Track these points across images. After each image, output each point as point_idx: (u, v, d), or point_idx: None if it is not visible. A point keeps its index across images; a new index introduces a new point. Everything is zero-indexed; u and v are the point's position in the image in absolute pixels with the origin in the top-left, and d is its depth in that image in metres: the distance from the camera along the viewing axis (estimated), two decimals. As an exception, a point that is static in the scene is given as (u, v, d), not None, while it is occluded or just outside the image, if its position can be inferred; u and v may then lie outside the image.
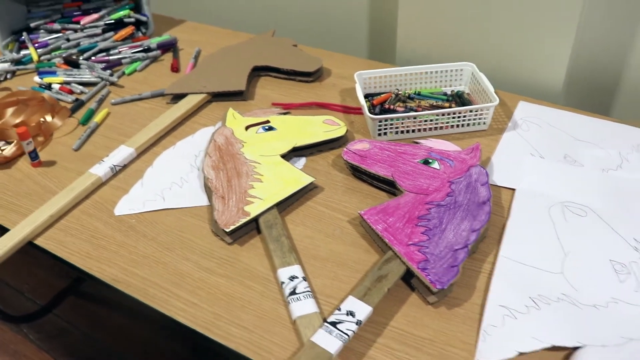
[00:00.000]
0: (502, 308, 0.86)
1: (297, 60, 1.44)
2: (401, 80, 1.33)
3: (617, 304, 0.87)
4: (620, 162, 1.13)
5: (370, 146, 1.12)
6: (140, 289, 0.93)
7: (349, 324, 0.82)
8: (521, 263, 0.93)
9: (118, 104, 1.40)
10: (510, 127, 1.23)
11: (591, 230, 0.98)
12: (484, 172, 1.05)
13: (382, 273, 0.89)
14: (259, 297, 0.90)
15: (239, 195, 1.04)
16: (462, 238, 0.93)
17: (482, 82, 1.25)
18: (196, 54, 1.58)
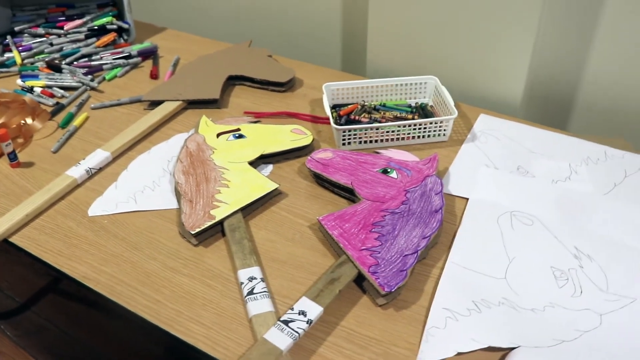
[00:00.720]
0: (445, 311, 0.92)
1: (270, 71, 1.50)
2: (368, 92, 1.39)
3: (554, 308, 0.93)
4: (569, 173, 1.19)
5: (333, 155, 1.18)
6: (108, 286, 0.98)
7: (300, 322, 0.88)
8: (467, 268, 0.99)
9: (97, 108, 1.45)
10: (469, 139, 1.30)
11: (536, 239, 1.05)
12: (439, 182, 1.11)
13: (334, 276, 0.95)
14: (219, 296, 0.96)
15: (206, 200, 1.09)
16: (413, 244, 0.99)
17: (443, 95, 1.31)
18: (175, 62, 1.64)
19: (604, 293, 0.95)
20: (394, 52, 1.52)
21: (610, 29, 1.31)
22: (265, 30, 1.86)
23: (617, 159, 1.23)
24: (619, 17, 1.28)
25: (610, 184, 1.17)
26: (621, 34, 1.30)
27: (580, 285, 0.96)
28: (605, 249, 1.02)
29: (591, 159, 1.23)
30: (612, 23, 1.30)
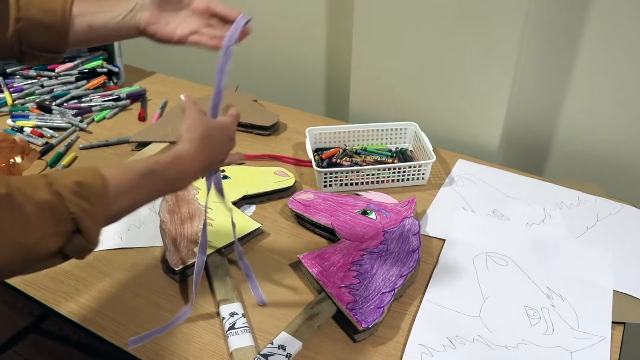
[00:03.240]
0: (421, 347, 0.95)
1: (255, 115, 1.54)
2: (350, 137, 1.44)
3: (526, 345, 0.96)
4: (543, 217, 1.23)
5: (315, 196, 1.21)
6: (93, 321, 1.00)
7: (280, 356, 0.90)
8: (443, 306, 1.02)
9: (86, 148, 1.48)
10: (447, 183, 1.34)
11: (510, 279, 1.08)
12: (417, 223, 1.14)
13: (314, 312, 0.98)
14: (202, 330, 0.98)
15: (189, 238, 1.12)
16: (390, 282, 1.02)
17: (422, 140, 1.36)
18: (163, 105, 1.68)
19: (575, 331, 0.98)
20: (376, 98, 1.57)
21: (584, 80, 1.36)
22: (251, 76, 1.91)
23: (590, 204, 1.27)
24: (593, 69, 1.34)
25: (582, 227, 1.21)
26: (595, 84, 1.36)
27: (552, 324, 0.99)
28: (576, 289, 1.06)
29: (565, 203, 1.27)
30: (586, 75, 1.35)
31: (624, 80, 1.32)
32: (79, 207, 0.67)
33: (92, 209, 0.69)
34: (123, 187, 0.74)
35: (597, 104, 1.38)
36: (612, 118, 1.37)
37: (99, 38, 0.98)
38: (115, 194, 0.73)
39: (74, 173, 0.70)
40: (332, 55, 1.72)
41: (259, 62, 1.88)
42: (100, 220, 0.71)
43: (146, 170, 0.78)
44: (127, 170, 0.76)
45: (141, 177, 0.77)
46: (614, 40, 1.29)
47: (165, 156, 0.81)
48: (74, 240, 0.68)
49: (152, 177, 0.78)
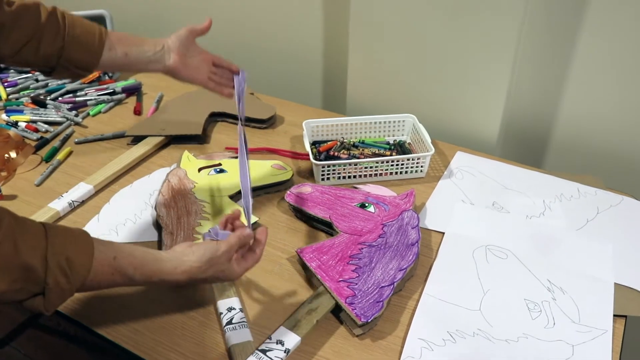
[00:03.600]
0: (421, 341, 0.94)
1: (252, 108, 1.53)
2: (347, 129, 1.42)
3: (527, 339, 0.95)
4: (543, 209, 1.22)
5: (312, 190, 1.20)
6: (88, 317, 0.99)
7: (278, 352, 0.89)
8: (443, 300, 1.01)
9: (81, 143, 1.47)
10: (446, 175, 1.33)
11: (510, 272, 1.07)
12: (415, 216, 1.13)
13: (312, 306, 0.97)
14: (199, 326, 0.97)
15: (186, 232, 1.11)
16: (389, 276, 1.01)
17: (421, 132, 1.35)
18: (158, 99, 1.66)
19: (576, 324, 0.97)
20: (374, 90, 1.56)
21: (582, 71, 1.35)
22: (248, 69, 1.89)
23: (590, 196, 1.26)
24: (592, 59, 1.33)
25: (583, 220, 1.20)
26: (595, 75, 1.35)
27: (553, 317, 0.98)
28: (577, 282, 1.05)
29: (565, 195, 1.26)
30: (585, 66, 1.34)
31: (623, 71, 1.31)
32: (55, 282, 0.74)
33: (66, 286, 0.76)
34: (105, 277, 0.81)
35: (596, 96, 1.37)
36: (612, 109, 1.36)
37: (131, 66, 1.14)
38: (94, 278, 0.79)
39: (71, 243, 0.77)
40: (329, 47, 1.70)
41: (255, 55, 1.87)
42: (67, 296, 0.77)
43: (132, 274, 0.83)
44: (114, 252, 0.82)
45: (126, 278, 0.83)
46: (613, 31, 1.27)
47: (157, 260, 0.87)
48: (36, 301, 0.75)
49: (132, 276, 0.84)
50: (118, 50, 1.10)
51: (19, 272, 0.71)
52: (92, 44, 1.07)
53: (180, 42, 1.16)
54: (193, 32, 1.18)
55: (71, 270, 0.76)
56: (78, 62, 1.07)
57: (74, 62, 1.07)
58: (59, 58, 1.05)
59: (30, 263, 0.72)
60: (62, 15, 1.06)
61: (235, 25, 1.83)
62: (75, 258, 0.76)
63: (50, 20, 1.04)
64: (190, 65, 1.17)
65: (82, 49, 1.06)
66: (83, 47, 1.06)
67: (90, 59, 1.08)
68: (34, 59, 1.04)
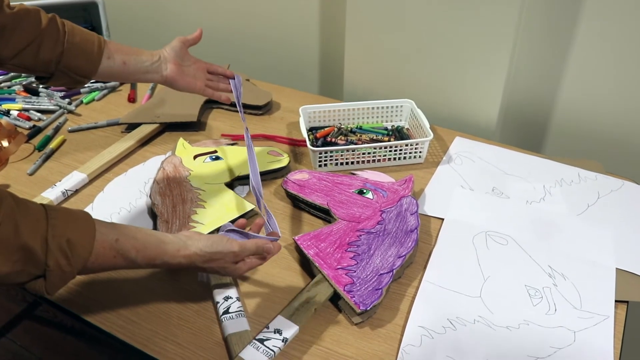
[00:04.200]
0: (421, 329, 0.93)
1: (248, 94, 1.51)
2: (345, 115, 1.41)
3: (528, 326, 0.93)
4: (543, 194, 1.21)
5: (309, 176, 1.19)
6: (83, 307, 0.97)
7: (276, 341, 0.88)
8: (443, 287, 1.00)
9: (75, 131, 1.45)
10: (444, 161, 1.31)
11: (510, 258, 1.06)
12: (414, 203, 1.12)
13: (310, 295, 0.95)
14: (195, 315, 0.95)
15: (182, 220, 1.09)
16: (388, 263, 0.99)
17: (419, 117, 1.33)
18: (153, 86, 1.64)
19: (578, 311, 0.96)
20: (371, 75, 1.54)
21: (582, 55, 1.33)
22: (243, 55, 1.88)
23: (590, 180, 1.25)
24: (591, 43, 1.31)
25: (583, 205, 1.18)
26: (593, 60, 1.33)
27: (554, 303, 0.97)
28: (578, 268, 1.03)
29: (565, 180, 1.25)
30: (584, 50, 1.33)
31: (623, 55, 1.29)
32: (56, 264, 0.74)
33: (67, 268, 0.75)
34: (106, 260, 0.80)
35: (596, 80, 1.35)
36: (612, 93, 1.35)
37: (129, 75, 1.13)
38: (95, 260, 0.79)
39: (72, 224, 0.77)
40: (326, 31, 1.68)
41: (250, 41, 1.85)
42: (68, 278, 0.77)
43: (134, 257, 0.83)
44: (116, 234, 0.81)
45: (128, 261, 0.83)
46: (612, 15, 1.26)
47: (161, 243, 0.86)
48: (37, 283, 0.75)
49: (134, 259, 0.83)
50: (117, 59, 1.10)
51: (19, 253, 0.71)
52: (91, 51, 1.07)
53: (175, 52, 1.16)
54: (185, 43, 1.18)
55: (72, 252, 0.75)
56: (77, 69, 1.06)
57: (73, 68, 1.06)
58: (58, 64, 1.04)
59: (30, 245, 0.72)
60: (61, 22, 1.06)
61: (230, 10, 1.81)
62: (77, 240, 0.76)
63: (51, 26, 1.03)
64: (186, 74, 1.18)
65: (82, 56, 1.06)
66: (82, 54, 1.06)
67: (89, 67, 1.08)
68: (33, 64, 1.03)
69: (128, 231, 0.83)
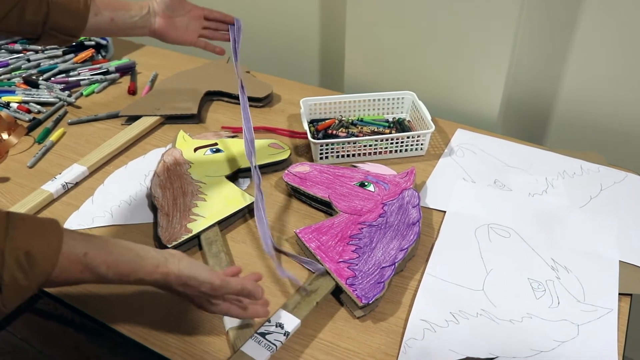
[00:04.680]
0: (423, 322, 0.92)
1: (248, 86, 1.48)
2: (346, 107, 1.40)
3: (531, 319, 0.93)
4: (546, 187, 1.20)
5: (311, 169, 1.18)
6: (83, 301, 0.97)
7: (278, 335, 0.87)
8: (445, 280, 0.99)
9: (74, 124, 1.44)
10: (446, 153, 1.30)
11: (513, 251, 1.05)
12: (416, 195, 1.11)
13: (312, 288, 0.95)
14: (196, 309, 0.94)
15: (182, 213, 1.09)
16: (390, 256, 0.99)
17: (420, 110, 1.32)
18: (153, 78, 1.63)
19: (581, 304, 0.95)
20: (372, 67, 1.53)
21: (584, 46, 1.32)
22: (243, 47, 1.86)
23: (593, 172, 1.24)
24: (593, 35, 1.30)
25: (586, 197, 1.18)
26: (595, 51, 1.32)
27: (557, 296, 0.96)
28: (581, 261, 1.03)
29: (567, 172, 1.24)
30: (586, 41, 1.31)
31: (626, 46, 1.28)
32: (12, 278, 0.66)
33: (24, 283, 0.68)
34: (73, 274, 0.73)
35: (599, 71, 1.34)
36: (615, 85, 1.34)
37: (118, 31, 1.12)
38: (60, 274, 0.72)
39: (36, 235, 0.70)
40: (326, 23, 1.67)
41: (250, 32, 1.83)
42: (26, 294, 0.69)
43: (104, 272, 0.76)
44: (86, 263, 0.74)
45: (98, 276, 0.76)
46: (615, 6, 1.25)
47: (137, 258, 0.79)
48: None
49: (104, 274, 0.76)
50: (104, 15, 1.08)
51: None
52: (77, 9, 1.05)
53: (165, 3, 1.13)
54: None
55: (31, 267, 0.68)
56: (64, 28, 1.05)
57: (60, 28, 1.05)
58: (44, 25, 1.03)
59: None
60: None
61: (230, 2, 1.80)
62: (38, 253, 0.69)
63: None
64: (178, 26, 1.14)
65: (68, 15, 1.04)
66: (68, 13, 1.04)
67: (76, 25, 1.06)
68: (18, 27, 1.01)
69: (102, 244, 0.77)
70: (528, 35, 1.36)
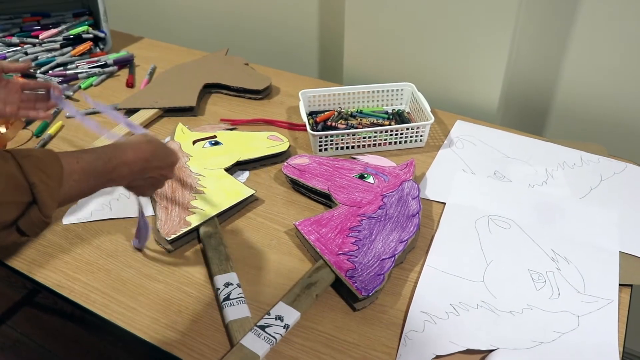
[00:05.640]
0: (423, 314, 0.92)
1: (247, 79, 1.50)
2: (345, 99, 1.39)
3: (531, 310, 0.93)
4: (546, 178, 1.20)
5: (310, 161, 1.18)
6: (82, 294, 0.97)
7: (277, 327, 0.87)
8: (445, 272, 0.99)
9: (72, 117, 1.44)
10: (446, 145, 1.30)
11: (513, 242, 1.05)
12: (416, 187, 1.11)
13: (312, 280, 0.94)
14: (195, 302, 0.95)
15: (181, 206, 1.08)
16: (390, 248, 0.98)
17: (420, 101, 1.32)
18: (151, 71, 1.63)
19: (581, 295, 0.95)
20: (371, 59, 1.53)
21: (584, 37, 1.32)
22: (242, 39, 1.86)
23: (593, 163, 1.24)
24: (593, 26, 1.30)
25: (586, 188, 1.17)
26: (595, 42, 1.31)
27: (557, 288, 0.96)
28: (581, 252, 1.02)
29: (567, 163, 1.24)
30: (586, 31, 1.31)
31: (626, 37, 1.27)
32: (38, 178, 0.71)
33: (50, 182, 0.72)
34: (73, 170, 0.77)
35: (598, 62, 1.34)
36: (614, 76, 1.33)
37: None
38: (67, 174, 0.76)
39: (32, 150, 0.74)
40: (325, 15, 1.67)
41: (249, 24, 1.83)
42: (55, 195, 0.74)
43: (93, 158, 0.82)
44: (75, 156, 0.79)
45: (88, 165, 0.80)
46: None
47: (110, 145, 0.88)
48: (30, 212, 0.71)
49: (96, 163, 0.82)
50: None
51: (2, 181, 0.68)
52: None
53: None
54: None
55: (45, 166, 0.73)
56: None
57: None
58: None
59: (6, 170, 0.69)
60: None
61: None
62: (42, 156, 0.74)
63: None
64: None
65: None
66: None
67: None
68: None
69: (86, 150, 0.83)
70: (527, 26, 1.35)
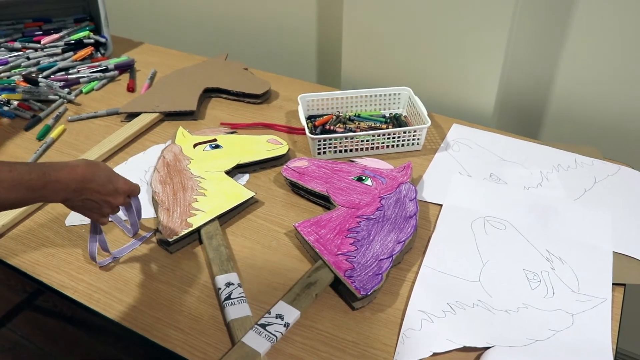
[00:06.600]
0: (421, 313, 0.94)
1: (246, 83, 1.52)
2: (343, 103, 1.41)
3: (527, 309, 0.95)
4: (541, 180, 1.22)
5: (309, 164, 1.19)
6: (86, 294, 0.98)
7: (278, 326, 0.89)
8: (442, 272, 1.01)
9: (74, 120, 1.45)
10: (442, 148, 1.32)
11: (509, 243, 1.07)
12: (413, 189, 1.13)
13: (311, 280, 0.96)
14: (197, 302, 0.96)
15: (183, 208, 1.10)
16: (388, 249, 1.00)
17: (417, 105, 1.34)
18: (152, 75, 1.65)
19: (576, 294, 0.97)
20: (369, 63, 1.55)
21: (578, 42, 1.34)
22: (242, 44, 1.88)
23: (587, 166, 1.26)
24: (587, 31, 1.32)
25: (580, 189, 1.19)
26: (590, 46, 1.33)
27: (552, 287, 0.98)
28: (575, 252, 1.04)
29: (562, 166, 1.26)
30: (580, 37, 1.33)
31: (621, 40, 1.29)
32: None
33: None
34: (4, 178, 0.78)
35: (592, 66, 1.36)
36: (609, 80, 1.35)
37: None
38: None
39: None
40: (323, 20, 1.69)
41: (248, 30, 1.85)
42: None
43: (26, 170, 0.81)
44: (9, 166, 0.79)
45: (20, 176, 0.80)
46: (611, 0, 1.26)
47: (48, 162, 0.86)
48: None
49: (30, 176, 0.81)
50: None
51: None
52: None
53: None
54: None
55: None
56: None
57: None
58: None
59: None
60: None
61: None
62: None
63: None
64: None
65: None
66: None
67: None
68: None
69: (23, 163, 0.83)
70: (523, 30, 1.37)
